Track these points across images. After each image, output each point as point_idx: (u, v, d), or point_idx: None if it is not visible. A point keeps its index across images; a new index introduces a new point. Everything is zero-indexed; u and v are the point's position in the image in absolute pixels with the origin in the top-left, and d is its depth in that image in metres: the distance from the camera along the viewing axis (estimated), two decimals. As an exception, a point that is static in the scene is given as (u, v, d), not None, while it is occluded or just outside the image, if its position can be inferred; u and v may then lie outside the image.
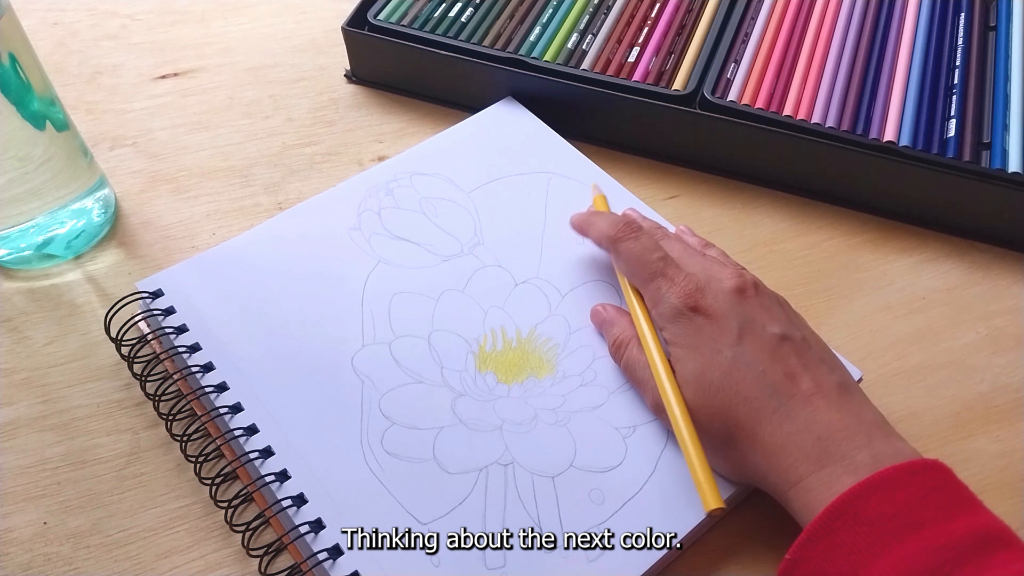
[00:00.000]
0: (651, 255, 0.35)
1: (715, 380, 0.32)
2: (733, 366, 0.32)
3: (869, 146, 0.43)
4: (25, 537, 0.34)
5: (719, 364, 0.32)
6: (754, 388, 0.31)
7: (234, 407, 0.35)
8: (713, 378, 0.32)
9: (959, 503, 0.28)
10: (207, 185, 0.47)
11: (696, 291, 0.33)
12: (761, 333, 0.32)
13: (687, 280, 0.34)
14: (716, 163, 0.47)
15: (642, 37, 0.50)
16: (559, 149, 0.46)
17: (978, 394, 0.39)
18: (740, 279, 0.34)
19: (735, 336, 0.32)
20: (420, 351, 0.37)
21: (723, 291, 0.33)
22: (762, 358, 0.32)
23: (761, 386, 0.31)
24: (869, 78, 0.47)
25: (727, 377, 0.32)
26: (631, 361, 0.35)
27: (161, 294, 0.39)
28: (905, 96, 0.46)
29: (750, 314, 0.33)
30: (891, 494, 0.28)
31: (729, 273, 0.34)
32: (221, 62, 0.54)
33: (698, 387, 0.32)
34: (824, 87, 0.46)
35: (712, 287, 0.33)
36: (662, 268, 0.35)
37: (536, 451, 0.34)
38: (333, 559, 0.31)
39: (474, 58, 0.48)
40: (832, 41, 0.49)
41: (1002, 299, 0.42)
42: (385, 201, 0.43)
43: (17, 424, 0.37)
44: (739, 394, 0.31)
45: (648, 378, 0.34)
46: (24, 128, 0.38)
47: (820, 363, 0.32)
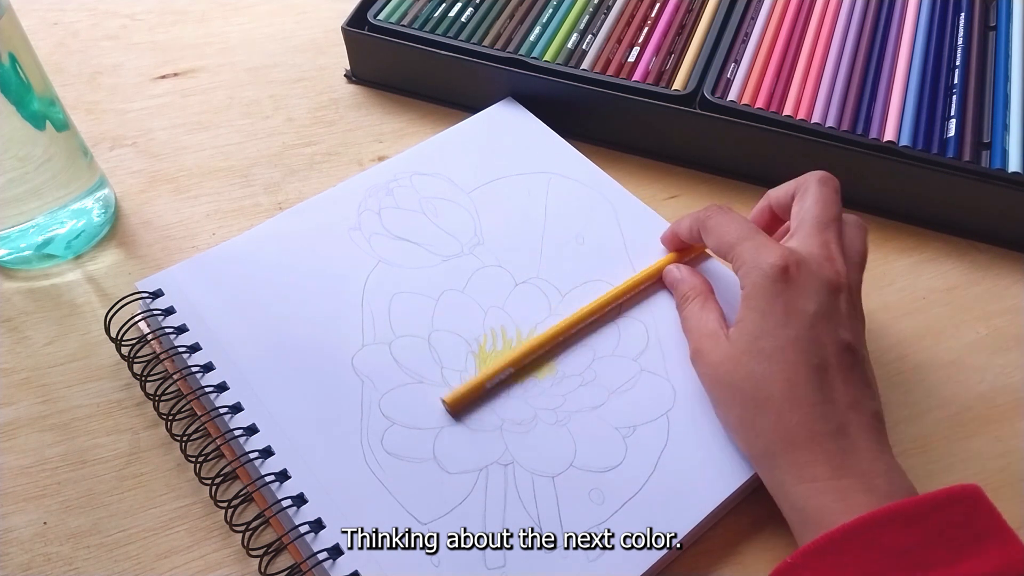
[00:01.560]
0: (748, 225, 0.35)
1: (767, 348, 0.32)
2: (792, 345, 0.32)
3: (869, 146, 0.43)
4: (25, 537, 0.34)
5: (779, 336, 0.32)
6: (802, 375, 0.31)
7: (234, 407, 0.35)
8: (766, 346, 0.32)
9: (974, 542, 0.28)
10: (207, 185, 0.47)
11: (794, 262, 0.33)
12: (833, 333, 0.32)
13: (789, 251, 0.33)
14: (716, 163, 0.47)
15: (642, 37, 0.50)
16: (559, 149, 0.46)
17: (978, 394, 0.38)
18: (839, 278, 0.33)
19: (808, 321, 0.32)
20: (420, 351, 0.37)
21: (818, 276, 0.33)
22: (823, 354, 0.32)
23: (810, 378, 0.31)
24: (869, 78, 0.47)
25: (780, 352, 0.32)
26: (688, 314, 0.37)
27: (161, 294, 0.39)
28: (905, 96, 0.46)
29: (831, 311, 0.32)
30: (907, 527, 0.28)
31: (835, 268, 0.33)
32: (221, 62, 0.54)
33: (747, 347, 0.32)
34: (824, 87, 0.46)
35: (812, 267, 0.33)
36: (761, 236, 0.34)
37: (536, 451, 0.34)
38: (333, 559, 0.31)
39: (474, 58, 0.48)
40: (832, 41, 0.49)
41: (1002, 299, 0.42)
42: (385, 201, 0.43)
43: (17, 424, 0.37)
44: (784, 372, 0.31)
45: (690, 330, 0.36)
46: (24, 128, 0.38)
47: (867, 386, 0.32)
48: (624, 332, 0.38)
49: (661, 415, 0.35)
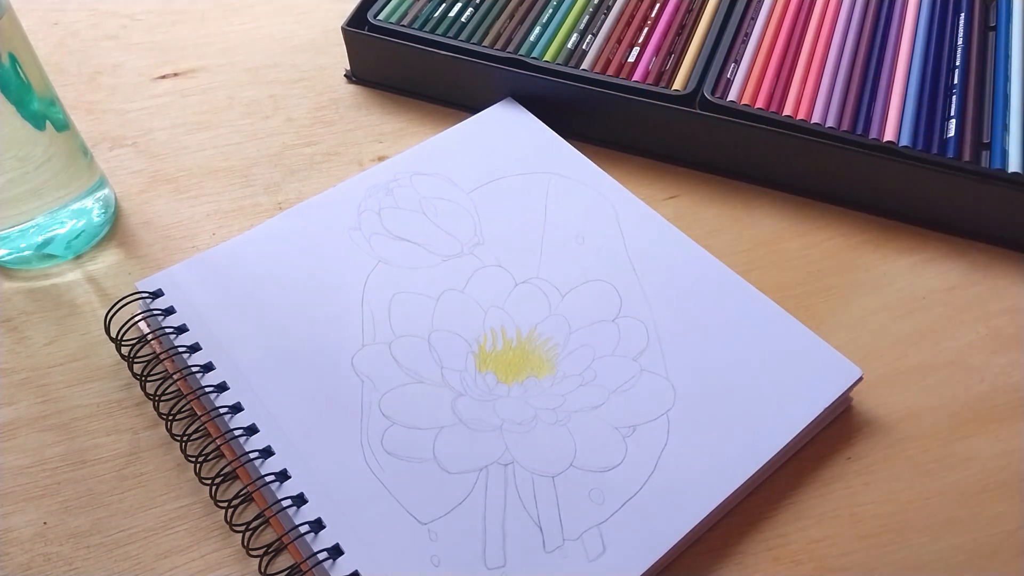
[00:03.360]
0: None
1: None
2: None
3: (869, 146, 0.43)
4: (25, 537, 0.34)
5: None
6: None
7: (234, 407, 0.35)
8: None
9: None
10: (207, 185, 0.47)
11: None
12: None
13: None
14: (716, 163, 0.47)
15: (642, 37, 0.50)
16: (559, 149, 0.46)
17: (978, 394, 0.38)
18: None
19: None
20: (420, 351, 0.37)
21: None
22: None
23: None
24: (869, 78, 0.47)
25: None
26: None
27: (161, 294, 0.39)
28: (905, 96, 0.46)
29: None
30: None
31: None
32: (221, 62, 0.54)
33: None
34: (824, 87, 0.46)
35: None
36: None
37: (536, 451, 0.34)
38: (333, 559, 0.31)
39: (474, 58, 0.48)
40: (832, 41, 0.49)
41: (1002, 299, 0.42)
42: (385, 201, 0.43)
43: (17, 424, 0.37)
44: None
45: None
46: (24, 128, 0.38)
47: None
48: (624, 332, 0.38)
49: (661, 415, 0.35)
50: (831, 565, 0.33)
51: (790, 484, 0.36)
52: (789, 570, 0.33)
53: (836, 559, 0.34)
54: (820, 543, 0.34)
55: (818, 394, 0.36)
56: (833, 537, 0.34)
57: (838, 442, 0.37)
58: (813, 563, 0.34)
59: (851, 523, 0.35)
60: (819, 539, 0.34)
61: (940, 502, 0.35)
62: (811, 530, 0.34)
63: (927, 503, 0.35)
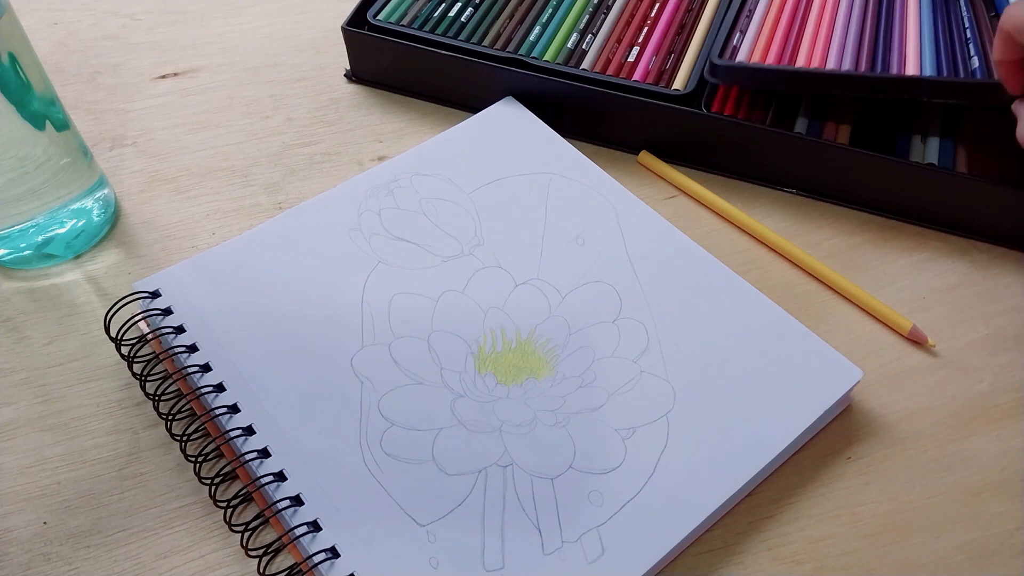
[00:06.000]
0: None
1: None
2: None
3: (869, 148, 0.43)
4: (25, 537, 0.34)
5: None
6: None
7: (232, 407, 0.35)
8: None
9: None
10: (207, 185, 0.47)
11: None
12: None
13: None
14: (716, 163, 0.47)
15: (642, 37, 0.50)
16: (559, 149, 0.46)
17: (978, 394, 0.38)
18: None
19: None
20: (420, 352, 0.37)
21: None
22: None
23: None
24: (882, 16, 0.46)
25: None
26: None
27: (159, 294, 0.39)
28: (920, 27, 0.45)
29: None
30: None
31: None
32: (221, 62, 0.54)
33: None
34: (837, 33, 0.45)
35: None
36: None
37: (535, 452, 0.34)
38: (332, 560, 0.31)
39: (474, 58, 0.48)
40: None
41: (1002, 299, 0.42)
42: (385, 201, 0.43)
43: (17, 424, 0.37)
44: None
45: None
46: (24, 128, 0.38)
47: None
48: (624, 333, 0.38)
49: (661, 417, 0.35)
50: (831, 565, 0.33)
51: (790, 484, 0.36)
52: (789, 570, 0.33)
53: (836, 559, 0.34)
54: (820, 543, 0.34)
55: (819, 395, 0.36)
56: (833, 537, 0.34)
57: (838, 442, 0.37)
58: (813, 563, 0.34)
59: (851, 523, 0.35)
60: (819, 539, 0.34)
61: (940, 502, 0.35)
62: (811, 530, 0.34)
63: (927, 503, 0.35)
